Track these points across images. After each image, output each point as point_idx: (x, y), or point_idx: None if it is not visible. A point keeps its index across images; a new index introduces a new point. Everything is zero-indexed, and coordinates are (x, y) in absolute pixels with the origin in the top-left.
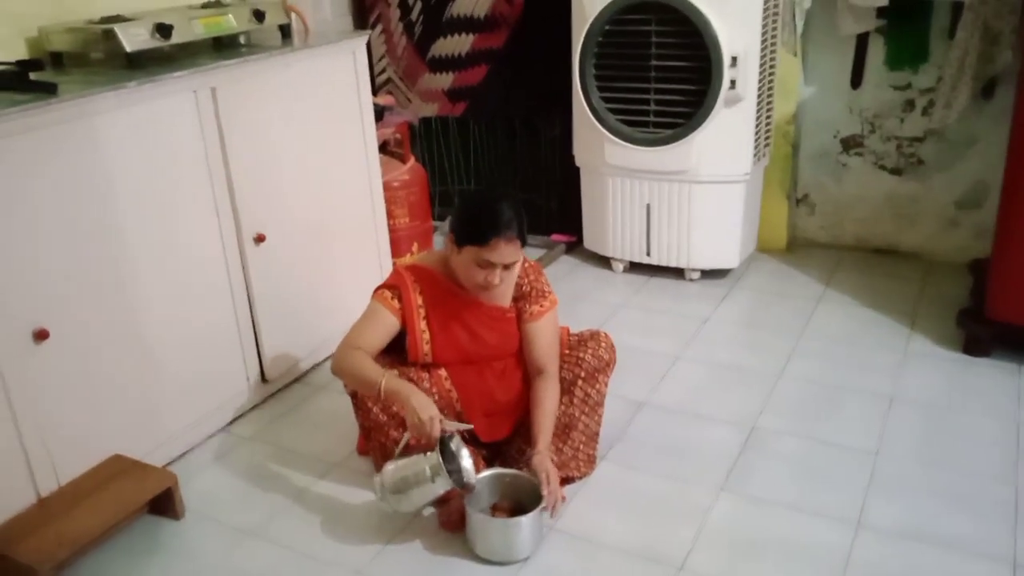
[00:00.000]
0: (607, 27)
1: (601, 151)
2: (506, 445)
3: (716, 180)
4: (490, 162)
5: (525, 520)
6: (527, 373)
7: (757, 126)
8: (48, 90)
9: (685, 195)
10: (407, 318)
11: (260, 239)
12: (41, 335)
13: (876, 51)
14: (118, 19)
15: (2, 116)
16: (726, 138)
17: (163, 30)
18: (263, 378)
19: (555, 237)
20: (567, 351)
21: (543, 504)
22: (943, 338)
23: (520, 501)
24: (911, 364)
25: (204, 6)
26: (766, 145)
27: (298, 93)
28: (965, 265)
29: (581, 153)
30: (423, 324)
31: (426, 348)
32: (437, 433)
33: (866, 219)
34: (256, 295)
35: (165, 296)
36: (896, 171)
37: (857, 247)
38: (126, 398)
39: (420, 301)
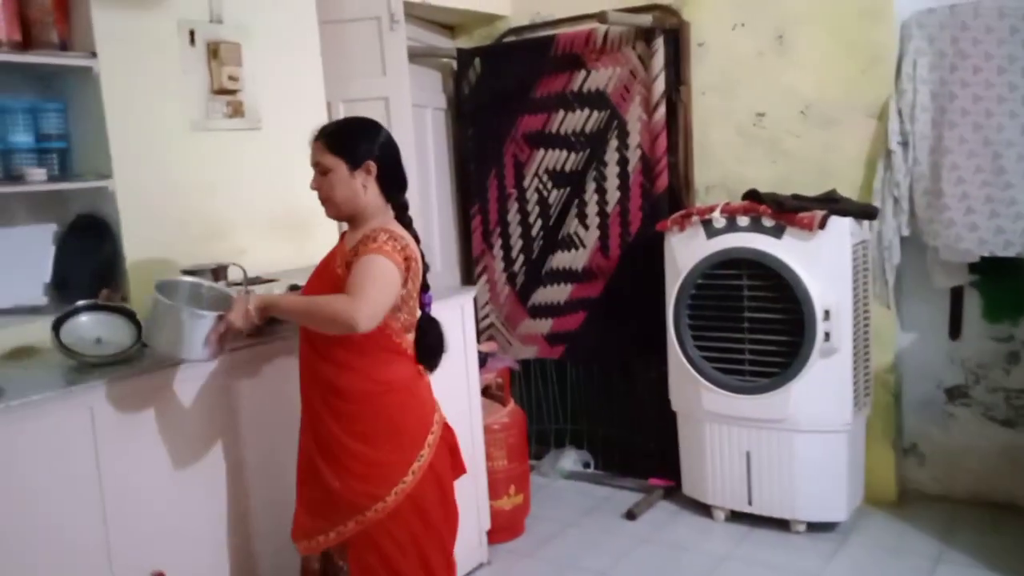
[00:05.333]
0: (699, 280)
1: (698, 397)
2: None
3: (816, 429)
4: (587, 403)
5: (207, 317)
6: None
7: (855, 376)
8: None
9: (785, 443)
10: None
11: None
12: None
13: (973, 302)
14: None
15: None
16: (824, 388)
17: None
18: None
19: (653, 481)
20: None
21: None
22: None
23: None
24: None
25: None
26: (866, 395)
27: None
28: None
29: (677, 398)
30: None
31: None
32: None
33: (981, 471)
34: None
35: None
36: (1008, 423)
37: (974, 501)
38: None
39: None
